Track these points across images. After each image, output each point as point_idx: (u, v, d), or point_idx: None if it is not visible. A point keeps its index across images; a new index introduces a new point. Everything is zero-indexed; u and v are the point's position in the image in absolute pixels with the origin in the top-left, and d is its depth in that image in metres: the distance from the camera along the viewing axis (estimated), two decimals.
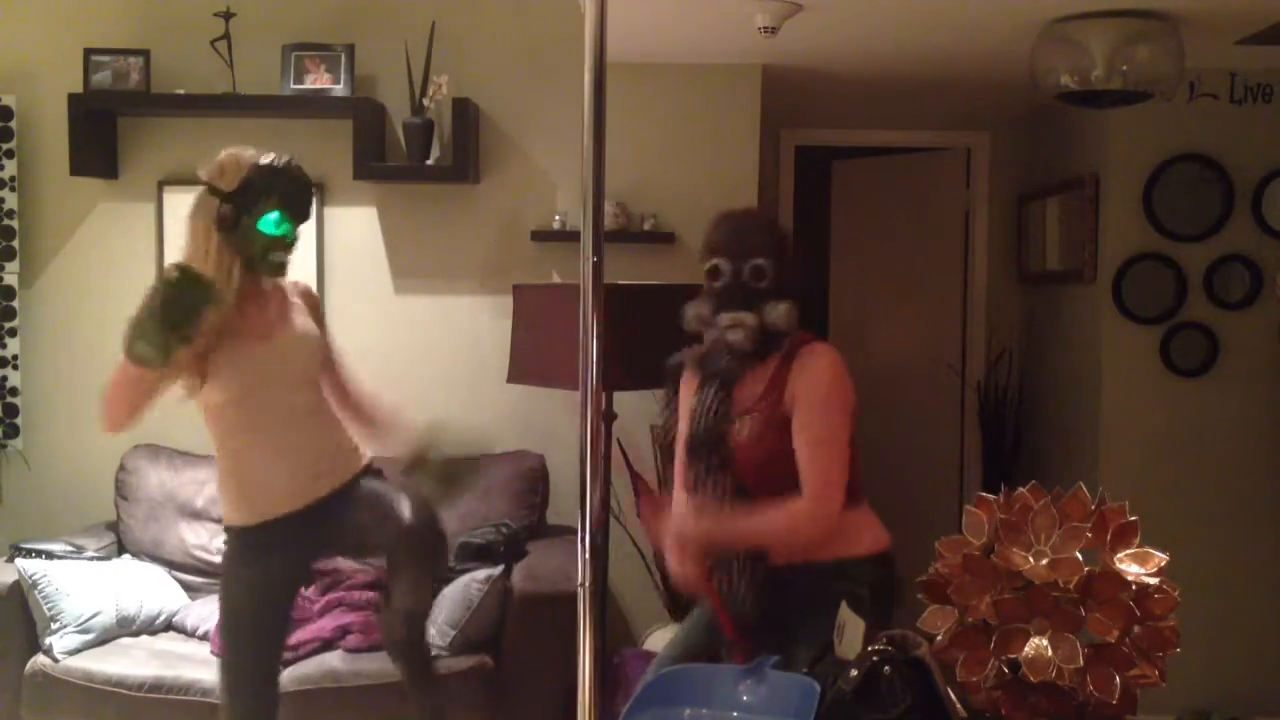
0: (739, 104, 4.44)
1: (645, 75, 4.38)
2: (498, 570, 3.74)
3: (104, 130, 4.38)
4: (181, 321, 2.50)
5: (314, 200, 2.88)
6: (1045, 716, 1.64)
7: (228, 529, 2.90)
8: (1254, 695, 4.35)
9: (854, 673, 1.71)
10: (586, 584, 1.72)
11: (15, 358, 4.36)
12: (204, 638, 3.81)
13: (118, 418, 2.77)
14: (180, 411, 4.45)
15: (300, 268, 4.41)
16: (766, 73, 4.40)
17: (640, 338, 3.74)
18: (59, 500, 4.42)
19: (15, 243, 4.35)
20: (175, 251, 4.37)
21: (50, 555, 3.84)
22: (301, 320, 2.88)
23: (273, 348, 2.79)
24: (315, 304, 2.98)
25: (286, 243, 2.76)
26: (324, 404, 2.93)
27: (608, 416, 3.78)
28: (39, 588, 3.66)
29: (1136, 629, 1.63)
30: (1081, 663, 1.60)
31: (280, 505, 2.82)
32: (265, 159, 2.75)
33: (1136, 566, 1.64)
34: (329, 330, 3.00)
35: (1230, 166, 4.31)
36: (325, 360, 2.94)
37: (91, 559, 3.94)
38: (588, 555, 1.73)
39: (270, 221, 2.71)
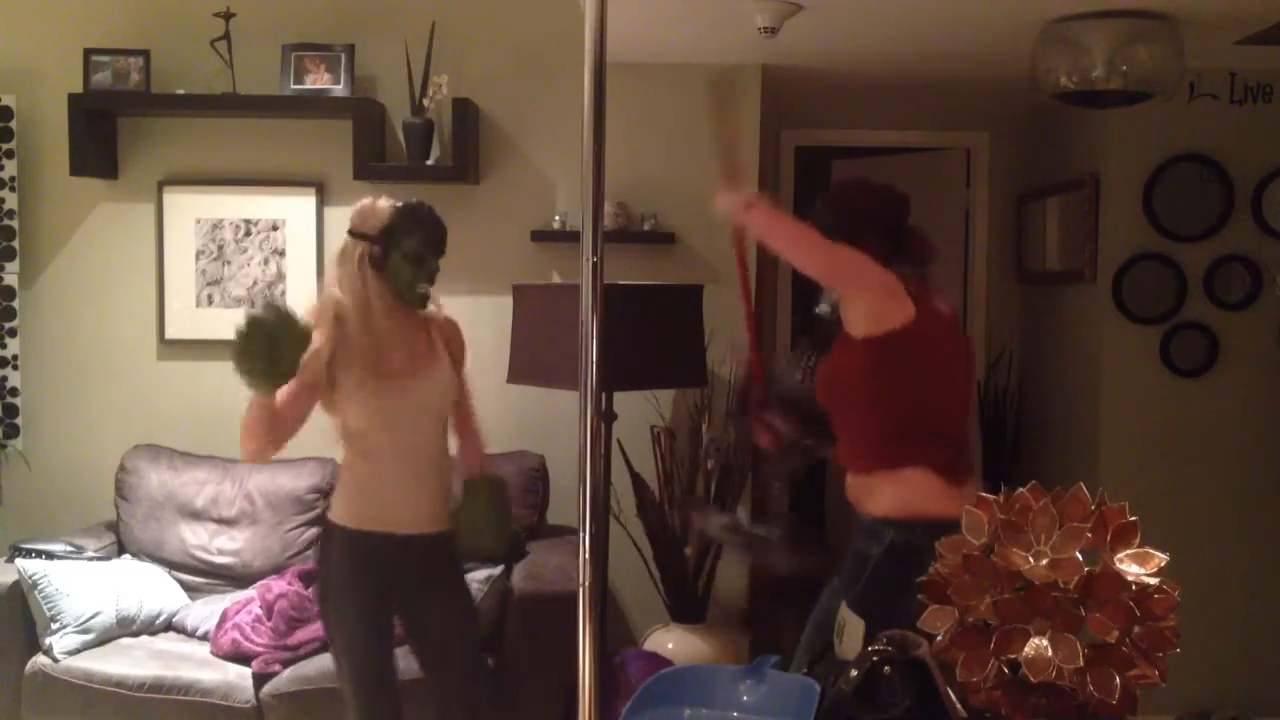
0: (739, 104, 4.43)
1: (645, 75, 4.38)
2: (498, 570, 3.74)
3: (104, 130, 4.38)
4: (271, 361, 2.60)
5: (446, 231, 3.03)
6: (1045, 716, 1.63)
7: (331, 526, 2.96)
8: (1254, 695, 4.35)
9: (854, 673, 1.71)
10: (586, 584, 1.72)
11: (15, 358, 4.36)
12: (204, 638, 3.81)
13: (252, 447, 2.78)
14: (180, 412, 4.47)
15: (301, 268, 4.46)
16: (766, 73, 4.40)
17: (640, 338, 3.75)
18: (59, 500, 4.42)
19: (15, 243, 4.35)
20: (176, 251, 4.44)
21: (50, 555, 3.84)
22: (444, 359, 3.03)
23: (415, 385, 2.93)
24: (458, 336, 3.11)
25: (429, 274, 2.96)
26: (446, 445, 3.06)
27: (608, 416, 3.78)
28: (39, 588, 3.67)
29: (1136, 629, 1.62)
30: (1081, 663, 1.59)
31: (390, 524, 2.92)
32: (402, 202, 2.96)
33: (1136, 566, 1.63)
34: (465, 362, 3.13)
35: (1230, 166, 4.31)
36: (458, 395, 3.08)
37: (91, 559, 3.94)
38: (588, 555, 1.73)
39: (413, 256, 2.90)
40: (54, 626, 3.65)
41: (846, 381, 2.70)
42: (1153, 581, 1.63)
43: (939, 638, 1.68)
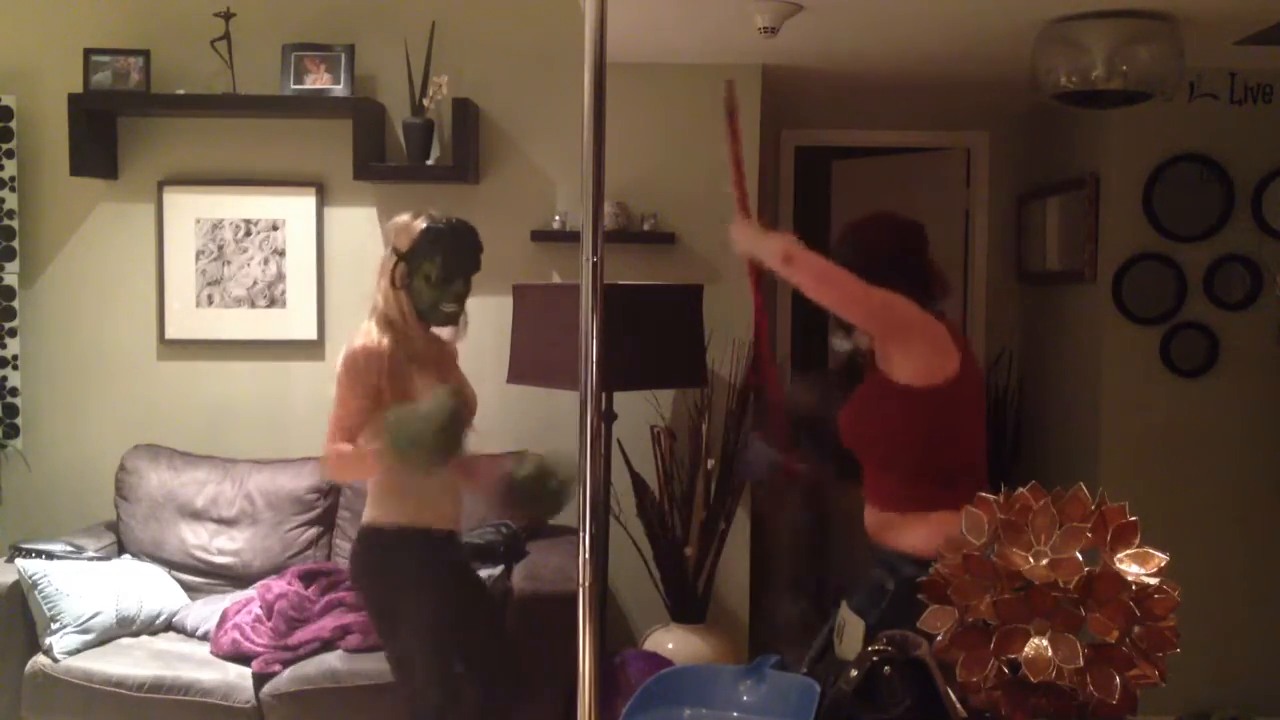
0: (739, 104, 4.42)
1: (645, 75, 4.38)
2: (498, 570, 3.74)
3: (104, 130, 4.38)
4: (455, 443, 2.77)
5: (479, 253, 3.09)
6: (1045, 716, 1.63)
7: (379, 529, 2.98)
8: (1254, 695, 4.35)
9: (854, 673, 1.71)
10: (586, 584, 1.72)
11: (15, 358, 4.36)
12: (204, 638, 3.81)
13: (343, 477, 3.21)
14: (180, 412, 4.47)
15: (301, 268, 4.46)
16: (766, 73, 4.40)
17: (640, 338, 3.75)
18: (59, 500, 4.42)
19: (15, 243, 4.35)
20: (176, 251, 4.43)
21: (50, 555, 3.84)
22: (469, 384, 3.16)
23: (461, 391, 3.01)
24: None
25: (454, 295, 3.01)
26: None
27: (608, 416, 3.78)
28: (39, 588, 3.67)
29: (1136, 629, 1.62)
30: (1081, 663, 1.59)
31: (439, 520, 3.01)
32: (431, 223, 3.00)
33: (1136, 566, 1.63)
34: None
35: (1230, 166, 4.31)
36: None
37: (91, 559, 3.94)
38: (588, 555, 1.73)
39: (433, 279, 2.97)
40: (54, 626, 3.65)
41: (881, 424, 2.63)
42: (1153, 581, 1.63)
43: (939, 638, 1.68)
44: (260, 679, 3.58)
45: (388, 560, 2.96)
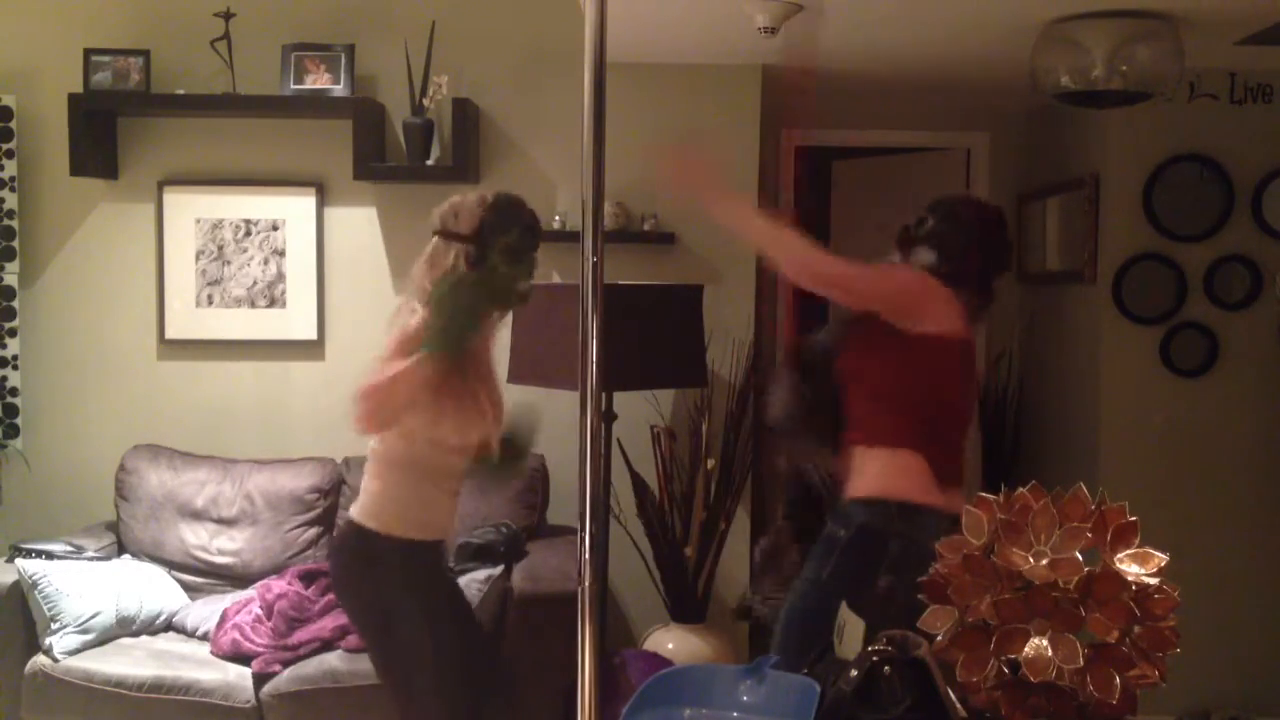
0: (739, 104, 4.44)
1: (645, 75, 4.38)
2: (498, 570, 3.74)
3: (104, 130, 4.38)
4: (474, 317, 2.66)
5: (539, 223, 2.94)
6: (1045, 716, 1.63)
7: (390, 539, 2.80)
8: (1254, 695, 4.35)
9: (854, 673, 1.71)
10: (586, 584, 1.72)
11: (15, 358, 4.36)
12: (204, 638, 3.81)
13: (382, 418, 2.71)
14: (180, 412, 4.47)
15: (301, 268, 4.46)
16: (766, 73, 4.40)
17: (640, 338, 3.75)
18: (59, 500, 4.42)
19: (15, 243, 4.35)
20: (176, 251, 4.44)
21: (50, 555, 3.84)
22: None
23: (494, 409, 2.91)
24: None
25: (529, 270, 2.85)
26: None
27: (608, 416, 3.78)
28: (39, 588, 3.67)
29: (1136, 629, 1.62)
30: (1081, 663, 1.59)
31: (440, 531, 2.89)
32: (497, 197, 2.85)
33: (1136, 566, 1.63)
34: None
35: (1230, 166, 4.31)
36: None
37: (91, 559, 3.94)
38: (588, 555, 1.73)
39: (512, 253, 2.79)
40: (54, 626, 3.65)
41: (880, 358, 2.78)
42: (1153, 581, 1.62)
43: (939, 638, 1.68)
44: (260, 679, 3.58)
45: (368, 574, 2.80)
